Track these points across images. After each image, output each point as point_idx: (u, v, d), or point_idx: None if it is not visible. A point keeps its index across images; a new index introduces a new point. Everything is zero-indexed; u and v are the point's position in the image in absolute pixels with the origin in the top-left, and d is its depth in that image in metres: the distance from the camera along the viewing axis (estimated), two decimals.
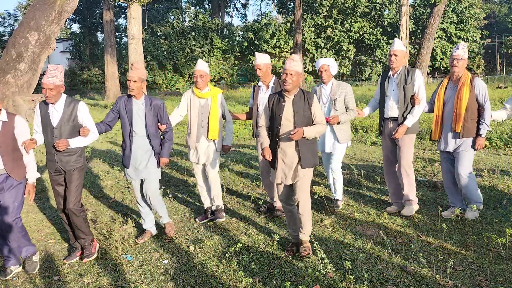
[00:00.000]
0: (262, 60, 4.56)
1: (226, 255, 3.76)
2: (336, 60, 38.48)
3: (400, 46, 4.51)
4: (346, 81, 35.09)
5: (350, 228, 4.36)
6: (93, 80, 39.11)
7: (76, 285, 3.39)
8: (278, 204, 4.82)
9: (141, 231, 4.49)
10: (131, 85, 3.88)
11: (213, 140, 4.56)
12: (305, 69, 37.58)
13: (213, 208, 4.78)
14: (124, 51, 37.36)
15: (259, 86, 4.72)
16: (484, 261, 3.50)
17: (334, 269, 3.44)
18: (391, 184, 4.82)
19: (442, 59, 38.03)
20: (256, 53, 4.61)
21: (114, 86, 27.19)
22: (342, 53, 38.54)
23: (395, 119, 4.57)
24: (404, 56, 4.51)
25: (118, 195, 5.96)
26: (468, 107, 4.28)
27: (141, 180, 4.19)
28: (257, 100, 4.69)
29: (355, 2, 38.16)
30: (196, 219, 4.72)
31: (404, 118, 4.48)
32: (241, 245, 3.77)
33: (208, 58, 38.73)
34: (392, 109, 4.55)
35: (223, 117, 4.70)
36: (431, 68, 37.46)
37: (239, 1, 56.65)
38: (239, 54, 40.46)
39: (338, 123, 4.63)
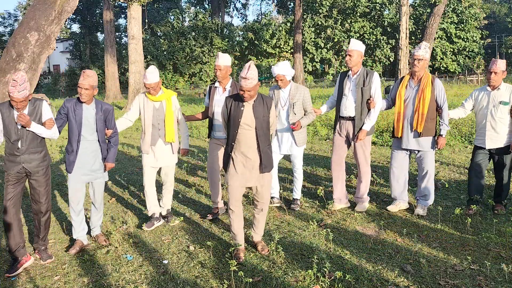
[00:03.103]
0: (223, 61, 4.49)
1: (226, 255, 3.76)
2: (336, 60, 38.50)
3: (355, 46, 4.54)
4: None
5: (350, 228, 4.36)
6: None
7: (76, 285, 3.39)
8: (220, 204, 4.84)
9: (141, 231, 4.49)
10: (82, 92, 3.78)
11: (170, 143, 4.50)
12: (305, 69, 37.59)
13: (163, 212, 4.71)
14: (124, 51, 37.35)
15: (216, 87, 4.65)
16: (484, 261, 3.50)
17: (334, 269, 3.44)
18: (337, 182, 4.88)
19: (442, 59, 38.03)
20: (219, 53, 4.51)
21: (114, 86, 27.19)
22: (342, 53, 38.53)
23: (350, 118, 4.64)
24: (360, 55, 4.54)
25: (118, 195, 5.96)
26: (429, 107, 4.41)
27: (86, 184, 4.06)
28: (212, 102, 4.63)
29: (355, 2, 38.16)
30: (144, 227, 4.50)
31: (363, 121, 4.58)
32: (241, 245, 3.77)
33: (208, 58, 38.73)
34: (348, 109, 4.62)
35: (177, 119, 4.63)
36: (431, 68, 37.47)
37: (239, 1, 56.70)
38: (239, 54, 40.47)
39: (300, 127, 4.64)
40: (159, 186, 5.87)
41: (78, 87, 3.84)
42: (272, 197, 5.05)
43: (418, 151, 4.58)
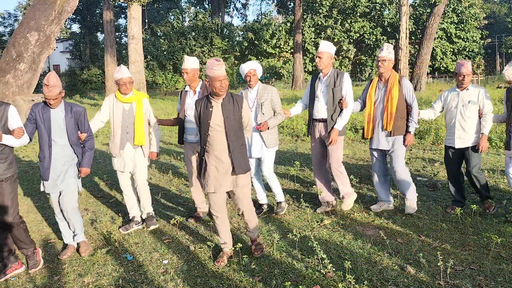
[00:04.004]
0: (190, 64, 4.40)
1: None
2: (336, 60, 38.51)
3: (325, 47, 4.54)
4: None
5: (350, 228, 4.36)
6: (93, 80, 39.10)
7: (76, 285, 3.39)
8: (202, 209, 4.77)
9: (141, 231, 4.49)
10: (51, 102, 3.63)
11: (140, 146, 4.37)
12: (305, 69, 37.58)
13: (144, 216, 4.61)
14: (124, 51, 37.35)
15: (186, 91, 4.57)
16: (484, 261, 3.50)
17: (334, 269, 3.44)
18: (321, 185, 4.86)
19: (442, 59, 38.03)
20: (185, 56, 4.45)
21: (114, 86, 27.13)
22: (342, 53, 38.53)
23: (323, 120, 4.63)
24: (330, 57, 4.55)
25: (118, 195, 5.96)
26: (398, 106, 4.49)
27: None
28: (184, 106, 4.53)
29: (355, 2, 38.16)
30: (120, 229, 4.47)
31: (334, 122, 4.56)
32: (241, 245, 3.77)
33: (208, 58, 38.73)
34: (320, 111, 4.61)
35: (149, 122, 4.49)
36: (431, 68, 37.46)
37: (239, 1, 56.70)
38: (239, 54, 40.46)
39: (268, 128, 4.50)
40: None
41: (46, 99, 3.65)
42: (261, 205, 4.91)
43: (390, 150, 4.63)
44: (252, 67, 4.47)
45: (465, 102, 4.54)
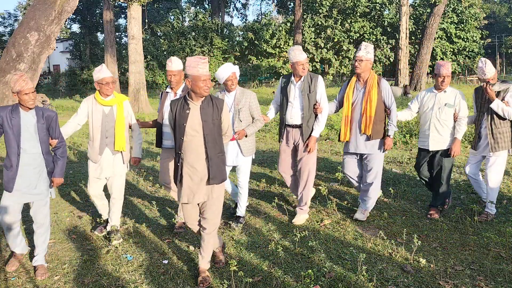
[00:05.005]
0: (176, 66, 4.24)
1: (226, 255, 3.76)
2: (336, 60, 38.53)
3: (303, 55, 4.31)
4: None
5: (350, 228, 4.36)
6: (93, 80, 39.09)
7: (76, 285, 3.39)
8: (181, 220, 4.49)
9: (141, 231, 4.49)
10: (29, 98, 3.33)
11: (120, 152, 4.13)
12: None
13: (108, 228, 4.28)
14: (124, 51, 37.33)
15: (167, 92, 4.40)
16: (484, 261, 3.50)
17: (334, 269, 3.44)
18: (295, 186, 4.75)
19: (442, 59, 38.01)
20: (172, 58, 4.27)
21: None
22: (342, 53, 38.54)
23: (297, 126, 4.45)
24: (307, 62, 4.39)
25: None
26: (377, 109, 4.30)
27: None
28: (163, 108, 4.34)
29: (355, 2, 38.17)
30: (96, 231, 4.33)
31: (311, 129, 4.41)
32: (241, 245, 3.76)
33: (208, 58, 38.69)
34: (294, 117, 4.42)
35: (130, 126, 4.29)
36: (431, 68, 37.45)
37: (239, 1, 56.69)
38: (239, 54, 40.46)
39: (246, 136, 4.27)
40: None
41: (24, 94, 3.31)
42: (238, 217, 4.58)
43: (368, 154, 4.46)
44: (233, 70, 4.22)
45: (442, 105, 4.44)
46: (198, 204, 3.35)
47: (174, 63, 4.26)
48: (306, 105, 4.37)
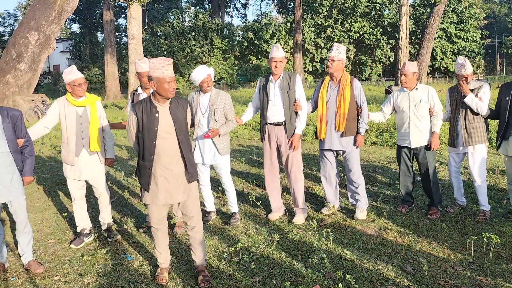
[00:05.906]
0: (148, 67, 4.12)
1: (226, 255, 3.76)
2: None
3: (280, 53, 4.41)
4: None
5: (350, 228, 4.36)
6: (93, 80, 39.14)
7: (76, 285, 3.39)
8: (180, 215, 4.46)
9: (141, 231, 4.49)
10: None
11: (96, 152, 4.11)
12: (305, 69, 37.59)
13: (103, 227, 4.35)
14: (124, 51, 37.37)
15: (139, 93, 4.38)
16: (484, 261, 3.50)
17: (334, 269, 3.44)
18: (273, 191, 4.77)
19: (442, 59, 38.04)
20: (145, 59, 4.24)
21: (114, 86, 27.21)
22: None
23: (279, 124, 4.52)
24: (285, 61, 4.47)
25: (118, 195, 5.96)
26: (350, 107, 4.46)
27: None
28: None
29: (355, 2, 38.18)
30: (72, 245, 4.14)
31: (294, 126, 4.49)
32: (241, 245, 3.77)
33: (208, 58, 38.74)
34: (276, 115, 4.50)
35: (102, 127, 4.27)
36: (431, 68, 37.46)
37: (239, 1, 56.73)
38: (239, 54, 40.49)
39: (219, 135, 4.36)
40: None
41: None
42: (208, 212, 4.72)
43: (343, 151, 4.61)
44: (209, 72, 4.30)
45: (417, 102, 4.58)
46: (178, 203, 3.35)
47: (145, 64, 4.23)
48: (286, 102, 4.46)
